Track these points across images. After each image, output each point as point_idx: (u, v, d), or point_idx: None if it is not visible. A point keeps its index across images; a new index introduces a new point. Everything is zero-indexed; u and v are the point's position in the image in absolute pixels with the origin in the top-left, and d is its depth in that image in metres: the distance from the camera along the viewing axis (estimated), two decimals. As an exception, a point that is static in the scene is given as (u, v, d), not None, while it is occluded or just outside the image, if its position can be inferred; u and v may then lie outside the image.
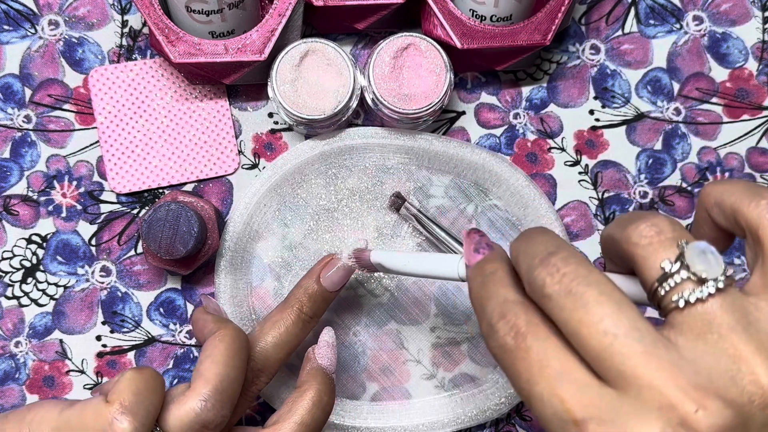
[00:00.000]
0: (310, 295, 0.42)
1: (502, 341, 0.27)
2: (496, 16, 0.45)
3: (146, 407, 0.32)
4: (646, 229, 0.26)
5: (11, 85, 0.49)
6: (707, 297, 0.25)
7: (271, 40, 0.44)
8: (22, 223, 0.48)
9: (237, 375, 0.35)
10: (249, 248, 0.48)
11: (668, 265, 0.26)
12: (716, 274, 0.25)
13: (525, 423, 0.49)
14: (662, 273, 0.26)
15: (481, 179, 0.49)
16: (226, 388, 0.34)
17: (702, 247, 0.25)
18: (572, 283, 0.26)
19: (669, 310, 0.26)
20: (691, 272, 0.25)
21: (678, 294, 0.25)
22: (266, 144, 0.49)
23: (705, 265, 0.25)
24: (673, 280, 0.25)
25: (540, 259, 0.27)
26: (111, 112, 0.48)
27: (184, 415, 0.33)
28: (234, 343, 0.36)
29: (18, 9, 0.49)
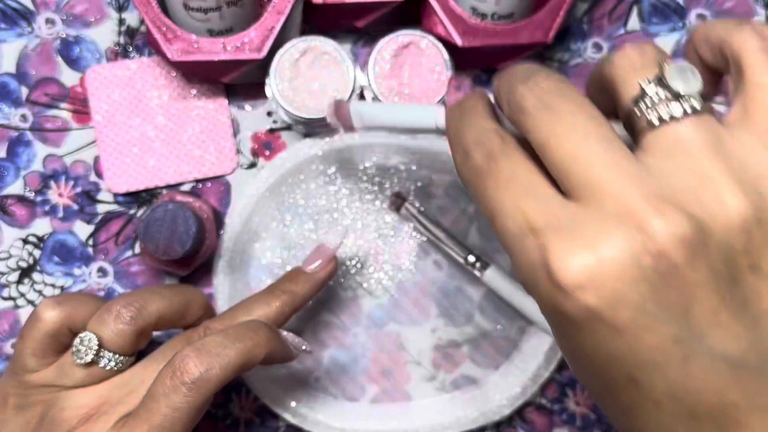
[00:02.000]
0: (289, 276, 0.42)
1: (474, 163, 0.26)
2: (497, 14, 0.45)
3: (72, 299, 0.37)
4: (630, 50, 0.26)
5: (7, 84, 0.48)
6: (682, 116, 0.24)
7: (269, 38, 0.43)
8: (18, 223, 0.48)
9: (158, 290, 0.39)
10: (247, 249, 0.48)
11: (646, 84, 0.25)
12: (694, 90, 0.24)
13: (526, 425, 0.49)
14: (639, 92, 0.25)
15: (482, 179, 0.48)
16: (142, 292, 0.38)
17: (683, 65, 0.25)
18: (550, 96, 0.25)
19: (643, 132, 0.25)
20: (670, 91, 0.24)
21: (653, 113, 0.25)
22: (265, 143, 0.49)
23: (684, 82, 0.24)
24: (650, 99, 0.25)
25: (521, 78, 0.26)
26: (108, 111, 0.48)
27: (98, 311, 0.37)
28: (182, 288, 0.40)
29: (14, 7, 0.48)
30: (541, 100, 0.25)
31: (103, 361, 0.36)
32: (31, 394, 0.36)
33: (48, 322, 0.36)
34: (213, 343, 0.34)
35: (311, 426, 0.47)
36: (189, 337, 0.38)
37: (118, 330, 0.36)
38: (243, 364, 0.35)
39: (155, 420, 0.33)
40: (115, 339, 0.36)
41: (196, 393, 0.33)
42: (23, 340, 0.36)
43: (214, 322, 0.40)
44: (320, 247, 0.43)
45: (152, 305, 0.37)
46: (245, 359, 0.35)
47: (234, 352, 0.34)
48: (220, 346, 0.34)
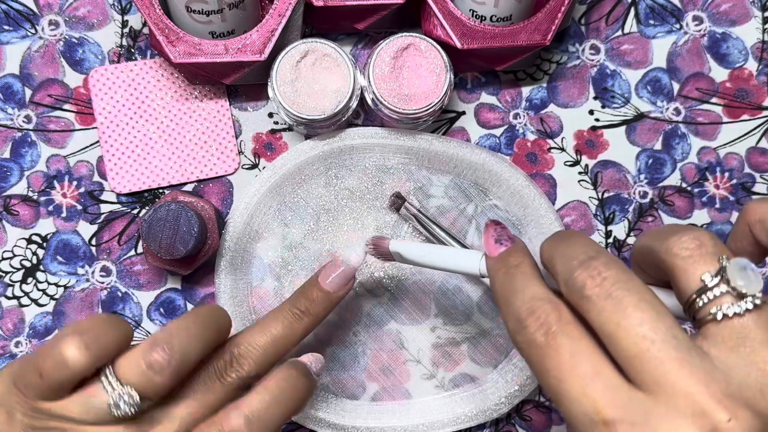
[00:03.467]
0: (307, 295, 0.40)
1: (531, 337, 0.27)
2: (496, 16, 0.45)
3: (99, 337, 0.32)
4: (689, 242, 0.27)
5: (11, 85, 0.49)
6: (744, 312, 0.25)
7: (271, 41, 0.44)
8: (22, 223, 0.48)
9: (197, 333, 0.34)
10: (249, 248, 0.48)
11: (708, 278, 0.26)
12: (756, 290, 0.26)
13: (525, 423, 0.49)
14: (702, 285, 0.26)
15: (481, 179, 0.49)
16: (180, 338, 0.33)
17: (743, 263, 0.26)
18: (613, 287, 0.26)
19: (705, 322, 0.26)
20: (731, 287, 0.26)
21: (716, 307, 0.26)
22: (266, 144, 0.49)
23: (745, 280, 0.26)
24: (712, 293, 0.26)
25: (580, 261, 0.27)
26: (111, 112, 0.48)
27: (131, 353, 0.33)
28: (204, 310, 0.36)
29: (18, 9, 0.49)
30: (605, 289, 0.26)
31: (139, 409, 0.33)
32: (45, 419, 0.33)
33: (75, 368, 0.32)
34: (263, 411, 0.34)
35: (312, 423, 0.47)
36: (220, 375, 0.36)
37: (157, 383, 0.32)
38: (285, 422, 0.35)
39: None
40: (154, 389, 0.33)
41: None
42: (42, 377, 0.32)
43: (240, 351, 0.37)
44: (338, 263, 0.41)
45: (192, 354, 0.34)
46: (288, 418, 0.35)
47: (282, 418, 0.35)
48: (270, 413, 0.34)
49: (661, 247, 0.28)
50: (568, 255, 0.28)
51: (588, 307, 0.26)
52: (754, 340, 0.25)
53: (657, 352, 0.25)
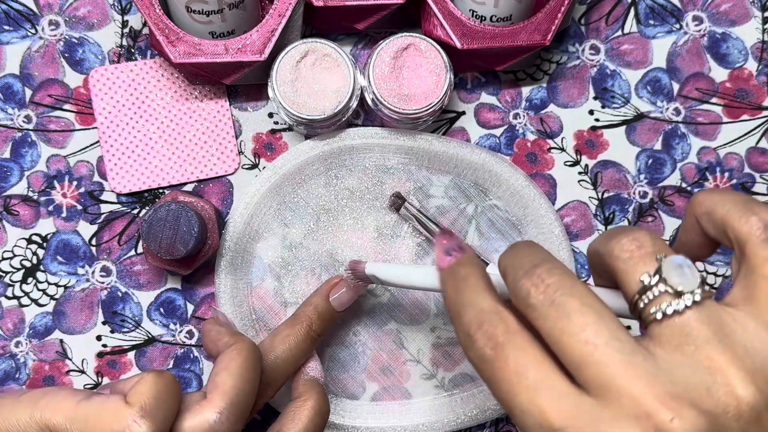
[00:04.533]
0: (319, 314, 0.43)
1: (480, 352, 0.27)
2: (496, 17, 0.45)
3: (165, 412, 0.32)
4: (627, 243, 0.27)
5: (11, 86, 0.49)
6: (684, 309, 0.25)
7: (271, 41, 0.44)
8: (22, 223, 0.48)
9: (251, 389, 0.35)
10: (249, 248, 0.48)
11: (647, 279, 0.26)
12: (692, 287, 0.26)
13: (525, 423, 0.49)
14: (641, 286, 0.26)
15: (481, 179, 0.49)
16: (241, 402, 0.34)
17: (679, 261, 0.26)
18: (555, 293, 0.26)
19: (648, 322, 0.26)
20: (668, 285, 0.26)
21: (656, 306, 0.26)
22: (266, 144, 0.49)
23: (681, 278, 0.26)
24: (652, 293, 0.26)
25: (525, 270, 0.27)
26: (111, 113, 0.48)
27: (197, 425, 0.33)
28: (250, 357, 0.36)
29: (18, 9, 0.49)
30: (548, 296, 0.26)
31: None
32: None
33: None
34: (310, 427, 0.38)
35: (312, 423, 0.47)
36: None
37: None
38: None
39: None
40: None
41: None
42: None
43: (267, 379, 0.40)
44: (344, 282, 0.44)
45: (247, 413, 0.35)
46: None
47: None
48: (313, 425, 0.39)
49: (605, 251, 0.28)
50: (515, 265, 0.28)
51: (534, 315, 0.27)
52: (697, 337, 0.25)
53: (600, 355, 0.25)
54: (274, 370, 0.40)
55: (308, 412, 0.39)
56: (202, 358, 0.49)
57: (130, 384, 0.33)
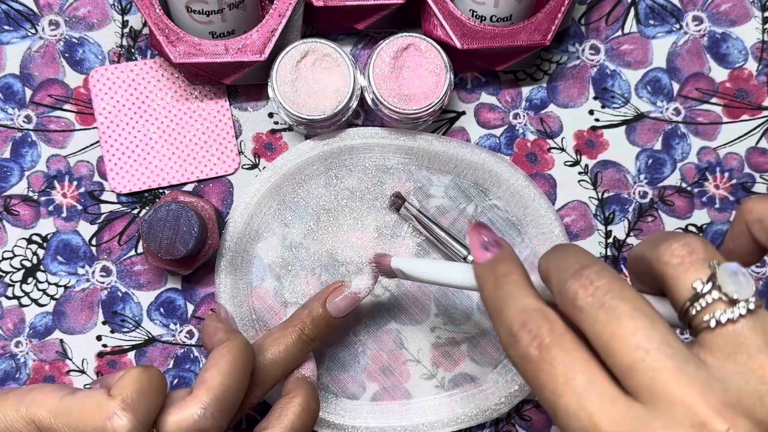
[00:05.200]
0: (313, 318, 0.42)
1: (524, 351, 0.27)
2: (496, 17, 0.45)
3: (147, 406, 0.32)
4: (679, 249, 0.27)
5: (11, 86, 0.49)
6: (738, 318, 0.25)
7: (271, 41, 0.44)
8: (22, 223, 0.48)
9: (239, 387, 0.35)
10: (249, 248, 0.48)
11: (700, 285, 0.26)
12: (747, 295, 0.25)
13: (525, 423, 0.49)
14: (694, 293, 0.26)
15: (481, 179, 0.49)
16: (227, 399, 0.34)
17: (734, 268, 0.26)
18: (606, 296, 0.26)
19: (700, 329, 0.26)
20: (722, 293, 0.25)
21: (709, 314, 0.26)
22: (266, 144, 0.49)
23: (736, 286, 0.25)
24: (705, 300, 0.26)
25: (573, 271, 0.27)
26: (111, 113, 0.48)
27: (182, 420, 0.33)
28: (241, 355, 0.36)
29: (18, 9, 0.49)
30: (598, 299, 0.26)
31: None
32: None
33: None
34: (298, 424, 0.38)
35: (312, 423, 0.47)
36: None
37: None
38: None
39: None
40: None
41: None
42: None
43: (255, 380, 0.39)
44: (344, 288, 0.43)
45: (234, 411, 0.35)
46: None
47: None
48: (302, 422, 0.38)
49: (653, 256, 0.28)
50: (561, 266, 0.28)
51: (581, 318, 0.26)
52: (750, 346, 0.25)
53: (652, 361, 0.24)
54: (262, 371, 0.40)
55: (295, 408, 0.38)
56: (202, 358, 0.49)
57: (116, 378, 0.33)
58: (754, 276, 0.50)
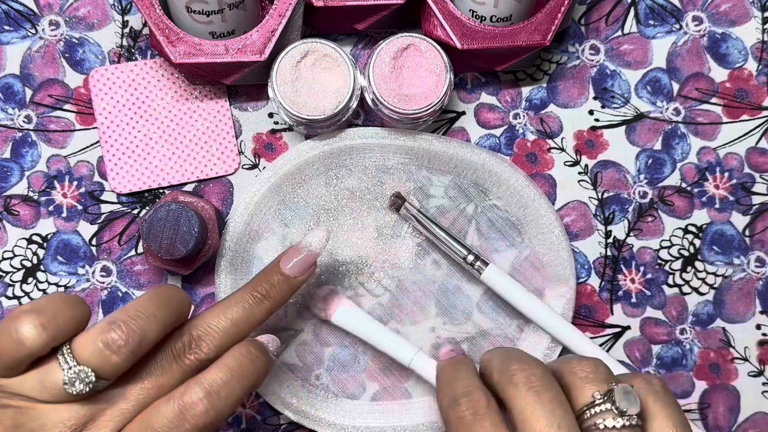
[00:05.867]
0: (268, 279, 0.40)
1: (462, 414, 0.34)
2: (495, 17, 0.45)
3: (57, 317, 0.32)
4: (587, 364, 0.34)
5: (12, 86, 0.49)
6: (621, 427, 0.32)
7: (271, 41, 0.44)
8: (22, 223, 0.48)
9: (156, 314, 0.34)
10: (249, 248, 0.48)
11: (599, 397, 0.33)
12: (636, 410, 0.32)
13: (525, 423, 0.49)
14: (592, 400, 0.33)
15: (481, 179, 0.49)
16: (138, 318, 0.33)
17: (628, 389, 0.32)
18: (538, 382, 0.33)
19: (590, 430, 0.32)
20: (615, 406, 0.32)
21: (601, 419, 0.32)
22: (266, 144, 0.49)
23: (627, 403, 0.32)
24: (599, 408, 0.32)
25: (517, 357, 0.35)
26: (111, 113, 0.48)
27: (89, 332, 0.33)
28: (165, 291, 0.36)
29: (18, 9, 0.49)
30: (530, 382, 0.33)
31: (94, 387, 0.33)
32: (1, 396, 0.33)
33: (31, 346, 0.32)
34: (222, 385, 0.34)
35: (312, 423, 0.47)
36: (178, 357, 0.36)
37: (113, 363, 0.32)
38: (244, 398, 0.36)
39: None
40: (111, 370, 0.33)
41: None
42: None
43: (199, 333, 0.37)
44: (301, 249, 0.41)
45: (150, 335, 0.34)
46: (247, 393, 0.36)
47: (242, 393, 0.35)
48: (229, 387, 0.34)
49: (566, 368, 0.34)
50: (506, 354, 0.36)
51: (512, 393, 0.33)
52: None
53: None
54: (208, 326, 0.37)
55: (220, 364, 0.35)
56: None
57: None
58: (755, 276, 0.50)
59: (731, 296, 0.50)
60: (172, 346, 0.36)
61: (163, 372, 0.35)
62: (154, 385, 0.35)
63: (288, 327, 0.49)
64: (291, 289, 0.41)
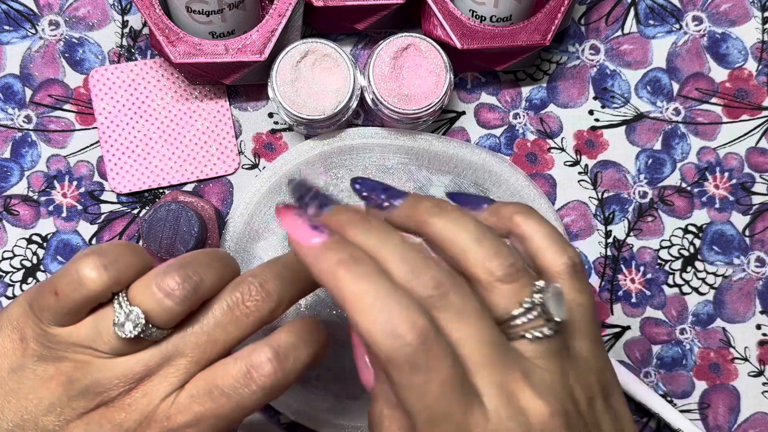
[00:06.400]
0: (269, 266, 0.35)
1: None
2: (495, 17, 0.45)
3: (118, 260, 0.32)
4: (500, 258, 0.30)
5: (12, 86, 0.49)
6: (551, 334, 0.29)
7: (271, 41, 0.44)
8: (22, 223, 0.48)
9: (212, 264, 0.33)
10: (249, 248, 0.48)
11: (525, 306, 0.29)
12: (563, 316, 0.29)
13: (525, 423, 0.49)
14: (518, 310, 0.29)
15: (481, 179, 0.49)
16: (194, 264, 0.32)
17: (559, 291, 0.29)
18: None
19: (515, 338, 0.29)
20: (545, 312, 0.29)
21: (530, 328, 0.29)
22: (266, 144, 0.49)
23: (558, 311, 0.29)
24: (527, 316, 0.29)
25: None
26: (111, 113, 0.48)
27: (145, 276, 0.32)
28: (220, 251, 0.35)
29: (18, 9, 0.49)
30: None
31: (145, 334, 0.31)
32: (57, 348, 0.32)
33: (92, 288, 0.31)
34: (291, 348, 0.33)
35: (312, 423, 0.47)
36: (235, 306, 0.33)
37: (167, 308, 0.31)
38: (309, 368, 0.34)
39: (222, 411, 0.32)
40: (164, 316, 0.31)
41: (269, 395, 0.32)
42: (57, 296, 0.31)
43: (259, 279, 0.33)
44: None
45: (206, 282, 0.32)
46: (311, 365, 0.34)
47: (308, 360, 0.33)
48: (297, 351, 0.33)
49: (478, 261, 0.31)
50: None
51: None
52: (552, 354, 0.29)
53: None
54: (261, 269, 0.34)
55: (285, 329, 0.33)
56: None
57: None
58: (755, 276, 0.50)
59: (731, 296, 0.50)
60: (228, 297, 0.33)
61: (217, 325, 0.33)
62: (208, 340, 0.33)
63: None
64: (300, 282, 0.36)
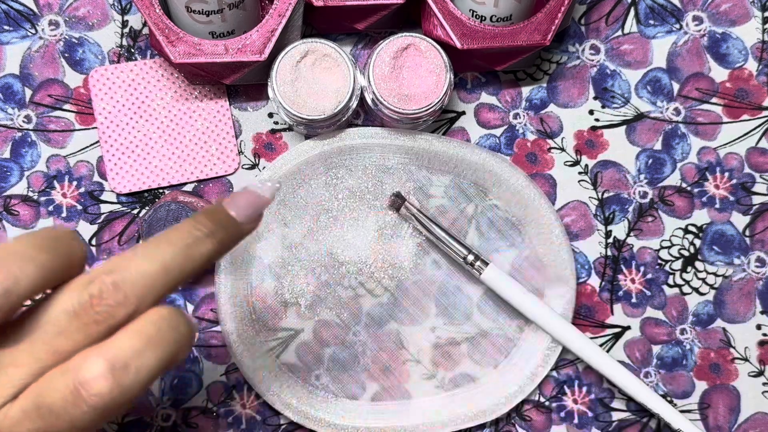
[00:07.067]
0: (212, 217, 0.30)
1: None
2: (496, 17, 0.45)
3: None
4: None
5: (11, 86, 0.49)
6: None
7: (271, 41, 0.44)
8: (22, 223, 0.48)
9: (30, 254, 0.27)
10: (249, 248, 0.48)
11: None
12: None
13: (525, 423, 0.49)
14: None
15: (481, 179, 0.49)
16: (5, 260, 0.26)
17: None
18: None
19: None
20: None
21: None
22: (266, 144, 0.49)
23: None
24: None
25: None
26: (111, 113, 0.48)
27: None
28: (47, 229, 0.29)
29: (18, 9, 0.49)
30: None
31: None
32: None
33: None
34: (133, 356, 0.26)
35: (312, 423, 0.47)
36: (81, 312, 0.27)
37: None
38: (159, 375, 0.28)
39: (54, 430, 0.26)
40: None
41: (107, 414, 0.26)
42: None
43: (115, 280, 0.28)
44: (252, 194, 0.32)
45: (23, 282, 0.26)
46: (164, 369, 0.27)
47: (158, 368, 0.27)
48: (141, 358, 0.26)
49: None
50: None
51: None
52: None
53: None
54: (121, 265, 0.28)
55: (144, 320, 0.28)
56: (202, 358, 0.49)
57: None
58: (755, 276, 0.50)
59: (731, 296, 0.50)
60: (72, 299, 0.27)
61: (59, 333, 0.27)
62: (48, 350, 0.27)
63: (288, 327, 0.49)
64: (237, 237, 0.31)
